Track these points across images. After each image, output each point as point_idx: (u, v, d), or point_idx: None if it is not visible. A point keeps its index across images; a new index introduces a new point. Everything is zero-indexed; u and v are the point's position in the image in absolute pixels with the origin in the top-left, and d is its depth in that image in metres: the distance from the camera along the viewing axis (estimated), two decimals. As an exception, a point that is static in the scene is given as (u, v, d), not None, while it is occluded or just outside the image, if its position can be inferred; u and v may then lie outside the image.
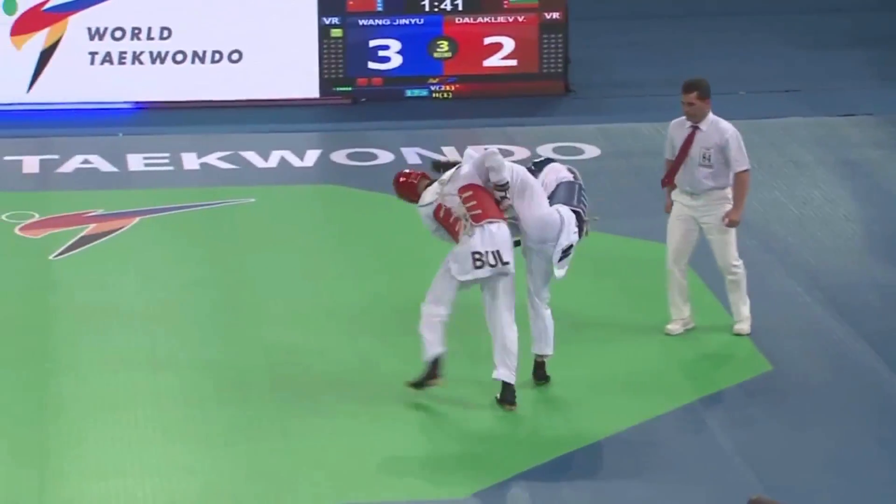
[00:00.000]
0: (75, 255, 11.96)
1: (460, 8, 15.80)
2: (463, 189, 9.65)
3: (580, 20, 16.32)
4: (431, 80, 15.93)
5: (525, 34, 15.90)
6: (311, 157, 14.35)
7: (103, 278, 11.56)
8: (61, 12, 15.40)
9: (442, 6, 15.80)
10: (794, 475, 9.13)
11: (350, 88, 15.86)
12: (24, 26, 15.36)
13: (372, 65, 15.84)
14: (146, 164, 14.16)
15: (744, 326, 10.69)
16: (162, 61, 15.57)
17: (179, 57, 15.59)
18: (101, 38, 15.46)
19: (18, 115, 15.31)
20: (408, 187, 9.91)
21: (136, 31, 15.49)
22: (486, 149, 10.00)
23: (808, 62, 17.11)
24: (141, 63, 15.53)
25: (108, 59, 15.50)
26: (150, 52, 15.54)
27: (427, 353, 9.68)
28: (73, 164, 14.11)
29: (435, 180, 9.86)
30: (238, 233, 12.53)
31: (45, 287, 11.43)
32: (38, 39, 15.38)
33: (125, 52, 15.50)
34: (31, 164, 14.07)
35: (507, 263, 9.56)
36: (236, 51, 15.66)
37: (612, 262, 11.91)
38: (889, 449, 9.41)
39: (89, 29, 15.43)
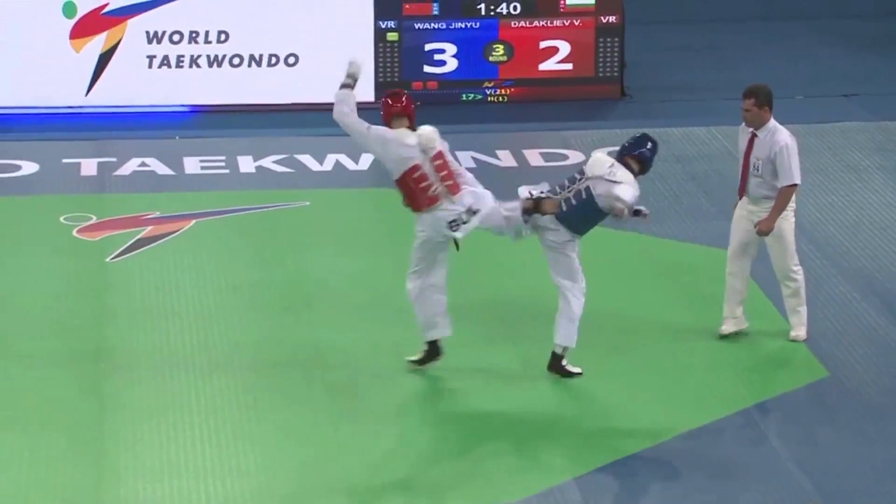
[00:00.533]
0: (132, 258, 12.04)
1: (516, 11, 15.79)
2: (438, 156, 9.90)
3: (636, 24, 16.26)
4: (487, 84, 15.92)
5: (581, 38, 15.86)
6: (366, 160, 14.37)
7: (159, 280, 11.63)
8: (120, 16, 15.51)
9: (498, 10, 15.79)
10: (851, 482, 9.05)
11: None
12: (83, 30, 15.49)
13: (427, 68, 15.85)
14: (202, 167, 14.24)
15: (800, 333, 10.61)
16: (219, 65, 15.65)
17: (236, 60, 15.67)
18: (158, 42, 15.56)
19: (77, 118, 15.44)
20: (389, 109, 10.14)
21: (194, 35, 15.58)
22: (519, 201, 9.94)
23: (868, 66, 16.97)
24: (198, 66, 15.62)
25: (165, 62, 15.60)
26: (208, 56, 15.63)
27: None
28: (131, 166, 14.20)
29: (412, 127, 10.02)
30: (293, 236, 12.58)
31: (101, 289, 11.52)
32: (97, 43, 15.50)
33: (182, 56, 15.60)
34: (88, 166, 14.18)
35: (476, 212, 9.81)
36: (292, 54, 15.72)
37: (669, 267, 11.87)
38: (948, 456, 9.33)
39: (147, 32, 15.53)
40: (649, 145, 10.18)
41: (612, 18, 15.84)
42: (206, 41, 15.59)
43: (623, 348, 10.55)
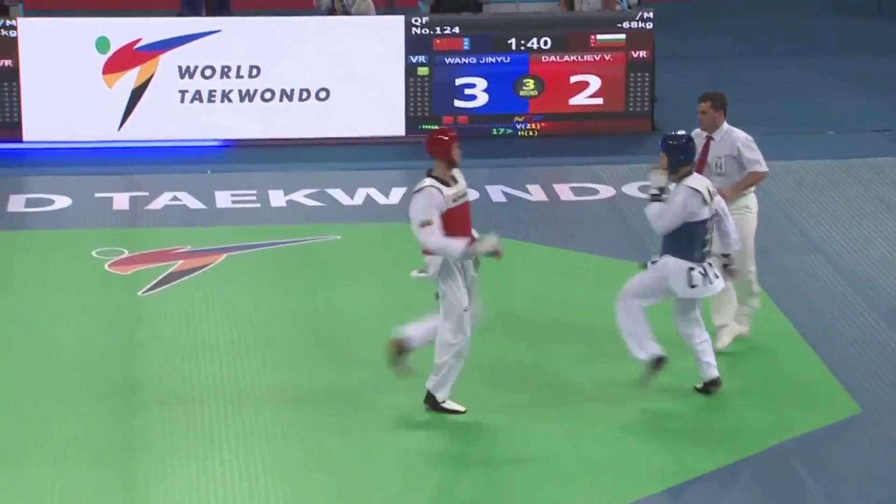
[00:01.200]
0: (163, 291, 12.09)
1: (547, 46, 15.84)
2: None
3: (667, 59, 16.28)
4: (517, 119, 15.96)
5: (612, 72, 15.89)
6: (397, 194, 14.41)
7: (190, 314, 11.67)
8: (153, 51, 15.62)
9: (528, 44, 15.84)
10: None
11: (436, 126, 15.93)
12: (116, 65, 15.60)
13: (458, 103, 15.90)
14: (234, 202, 14.30)
15: (744, 330, 10.81)
16: (251, 99, 15.74)
17: (268, 95, 15.75)
18: (191, 77, 15.66)
19: (109, 152, 15.53)
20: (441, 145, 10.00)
21: (226, 70, 15.68)
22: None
23: (898, 102, 16.96)
24: (230, 101, 15.71)
25: (197, 97, 15.69)
26: (239, 91, 15.71)
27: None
28: (163, 200, 14.27)
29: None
30: (324, 270, 12.60)
31: (133, 322, 11.56)
32: (130, 78, 15.61)
33: (214, 91, 15.69)
34: (120, 200, 14.26)
35: None
36: (324, 89, 15.79)
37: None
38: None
39: (180, 67, 15.63)
40: (670, 141, 10.27)
41: (642, 53, 15.87)
42: (238, 76, 15.68)
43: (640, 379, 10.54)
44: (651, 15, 15.85)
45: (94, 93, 15.54)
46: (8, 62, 15.47)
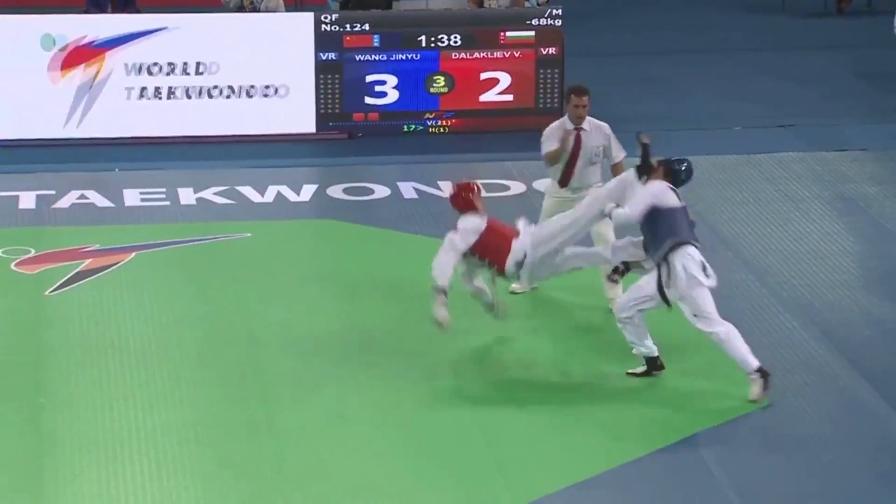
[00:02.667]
0: (71, 291, 11.96)
1: (457, 43, 15.86)
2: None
3: (576, 56, 16.37)
4: (428, 115, 15.96)
5: (521, 69, 15.95)
6: (308, 191, 14.37)
7: (99, 313, 11.55)
8: (99, 48, 15.44)
9: (438, 42, 15.85)
10: (791, 511, 9.11)
11: (347, 123, 15.90)
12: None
13: (368, 100, 15.88)
14: (142, 200, 14.17)
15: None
16: (158, 97, 15.60)
17: (177, 92, 15.62)
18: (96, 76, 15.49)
19: (14, 150, 15.33)
20: (467, 202, 10.88)
21: (135, 67, 15.51)
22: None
23: (802, 97, 17.16)
24: (141, 99, 15.56)
25: (108, 95, 15.52)
26: (146, 88, 15.56)
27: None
28: (70, 199, 14.11)
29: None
30: (234, 268, 12.53)
31: (40, 322, 11.42)
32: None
33: (130, 88, 15.52)
34: (27, 199, 14.08)
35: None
36: (232, 86, 15.69)
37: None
38: (889, 486, 9.39)
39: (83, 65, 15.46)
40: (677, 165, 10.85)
41: (552, 50, 15.94)
42: (150, 73, 15.54)
43: (557, 378, 10.59)
44: (560, 12, 15.93)
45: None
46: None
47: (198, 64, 15.60)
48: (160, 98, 15.58)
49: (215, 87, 15.65)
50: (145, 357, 10.87)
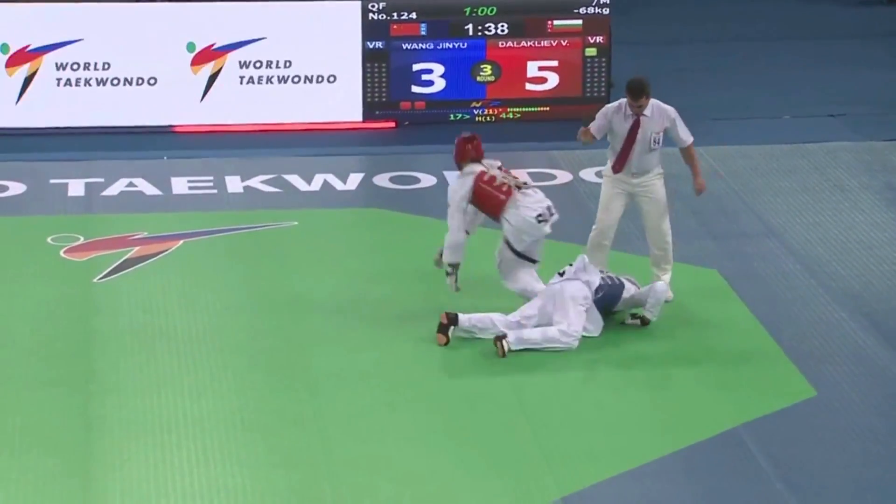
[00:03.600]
0: (119, 278, 12.02)
1: (504, 32, 15.83)
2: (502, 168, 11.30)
3: (623, 44, 16.30)
4: (474, 104, 15.94)
5: (569, 58, 15.90)
6: (354, 180, 14.39)
7: (147, 301, 11.61)
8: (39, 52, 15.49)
9: (486, 30, 15.83)
10: (838, 502, 9.05)
11: (393, 112, 15.91)
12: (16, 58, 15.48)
13: (415, 88, 15.87)
14: (190, 188, 14.22)
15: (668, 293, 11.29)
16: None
17: (223, 81, 15.66)
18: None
19: (65, 138, 15.41)
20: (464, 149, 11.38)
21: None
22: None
23: (852, 87, 17.03)
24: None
25: (145, 82, 15.58)
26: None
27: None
28: (118, 187, 14.18)
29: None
30: (281, 256, 12.57)
31: (89, 310, 11.49)
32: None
33: (170, 76, 15.59)
34: (76, 187, 14.16)
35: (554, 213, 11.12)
36: (280, 75, 15.72)
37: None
38: (935, 476, 9.33)
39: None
40: None
41: (599, 39, 15.88)
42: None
43: (602, 368, 10.56)
44: (607, 0, 15.87)
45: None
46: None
47: (244, 52, 15.63)
48: (210, 88, 15.62)
49: (262, 76, 15.68)
50: (192, 344, 10.92)
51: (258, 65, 15.68)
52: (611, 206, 11.54)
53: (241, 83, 15.68)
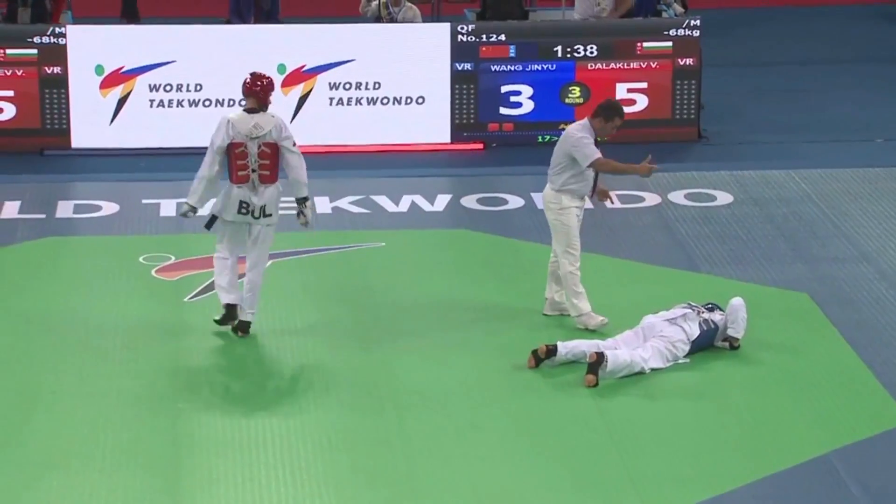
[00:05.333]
0: (209, 298, 12.12)
1: (593, 54, 15.80)
2: (268, 144, 11.28)
3: (713, 66, 16.22)
4: (563, 126, 15.90)
5: (658, 80, 15.84)
6: (442, 201, 14.42)
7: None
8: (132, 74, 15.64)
9: (574, 52, 15.81)
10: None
11: (481, 134, 15.93)
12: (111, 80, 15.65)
13: (503, 110, 15.90)
14: (280, 208, 14.30)
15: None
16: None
17: (318, 102, 15.77)
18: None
19: (156, 159, 15.59)
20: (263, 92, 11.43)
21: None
22: None
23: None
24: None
25: (236, 104, 15.71)
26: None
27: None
28: (208, 206, 14.28)
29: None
30: (368, 276, 12.62)
31: (179, 328, 11.60)
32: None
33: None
34: (168, 207, 14.31)
35: (269, 216, 11.45)
36: (368, 97, 15.81)
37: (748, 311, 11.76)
38: None
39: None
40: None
41: (689, 61, 15.82)
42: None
43: (690, 391, 10.48)
44: (698, 22, 15.80)
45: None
46: (57, 69, 15.58)
47: (334, 74, 15.74)
48: (300, 110, 15.74)
49: (351, 97, 15.78)
50: (281, 364, 10.98)
51: (347, 86, 15.78)
52: (576, 229, 11.50)
53: (331, 104, 15.79)
